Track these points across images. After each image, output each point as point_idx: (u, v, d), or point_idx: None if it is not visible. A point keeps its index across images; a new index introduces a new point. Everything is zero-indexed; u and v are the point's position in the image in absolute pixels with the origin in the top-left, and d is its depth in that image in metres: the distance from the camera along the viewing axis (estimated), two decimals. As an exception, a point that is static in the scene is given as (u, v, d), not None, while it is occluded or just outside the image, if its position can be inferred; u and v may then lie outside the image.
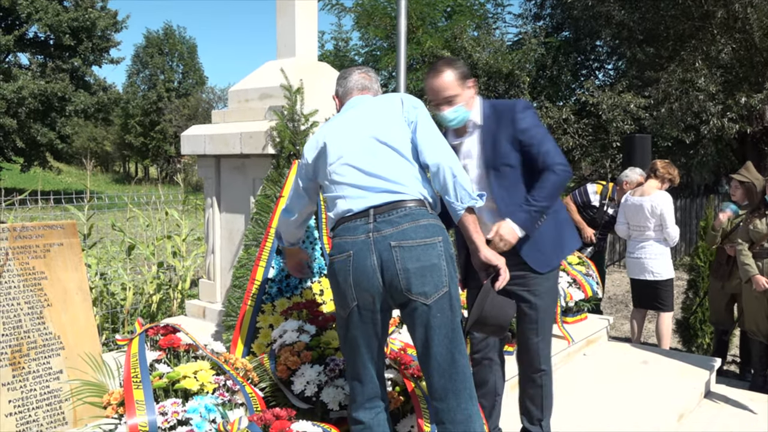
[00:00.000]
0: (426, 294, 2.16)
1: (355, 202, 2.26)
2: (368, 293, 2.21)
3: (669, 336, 5.36)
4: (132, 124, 39.81)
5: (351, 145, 2.35)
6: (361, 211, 2.24)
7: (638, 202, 5.27)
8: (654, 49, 13.38)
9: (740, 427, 3.87)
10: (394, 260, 2.16)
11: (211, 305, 3.99)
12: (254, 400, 2.52)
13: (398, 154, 2.30)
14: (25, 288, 2.91)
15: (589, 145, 13.04)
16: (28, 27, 26.13)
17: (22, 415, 2.77)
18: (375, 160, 2.29)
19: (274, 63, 3.96)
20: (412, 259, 2.16)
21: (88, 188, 6.03)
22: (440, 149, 2.28)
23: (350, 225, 2.24)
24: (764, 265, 4.60)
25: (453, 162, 2.26)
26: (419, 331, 2.23)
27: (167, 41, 41.68)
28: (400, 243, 2.16)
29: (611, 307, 8.24)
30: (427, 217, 2.23)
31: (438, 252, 2.19)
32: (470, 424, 2.21)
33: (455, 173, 2.23)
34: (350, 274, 2.21)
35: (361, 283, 2.21)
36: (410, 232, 2.18)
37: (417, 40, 15.63)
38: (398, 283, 2.17)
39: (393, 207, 2.21)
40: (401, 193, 2.23)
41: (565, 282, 4.75)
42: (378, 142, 2.31)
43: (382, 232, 2.18)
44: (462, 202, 2.23)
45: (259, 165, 3.63)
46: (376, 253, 2.18)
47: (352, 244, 2.22)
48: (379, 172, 2.27)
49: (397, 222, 2.19)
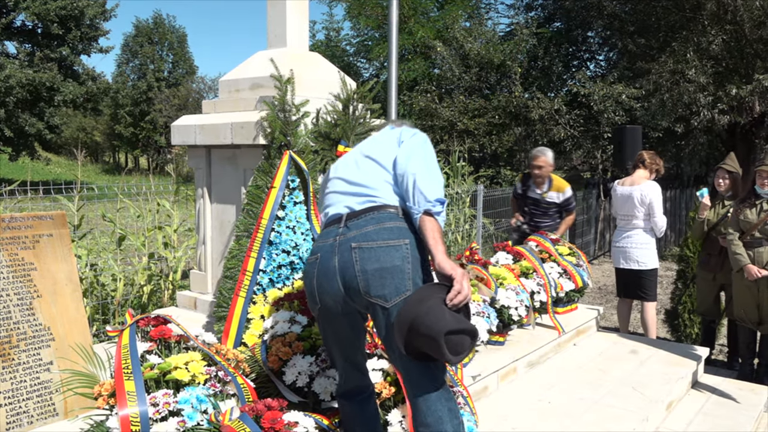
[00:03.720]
0: (385, 297, 2.12)
1: (334, 208, 2.34)
2: (329, 296, 2.22)
3: (654, 325, 5.41)
4: (122, 114, 39.44)
5: (344, 163, 2.48)
6: (336, 216, 2.30)
7: (627, 191, 5.30)
8: (645, 40, 13.41)
9: (727, 415, 3.92)
10: (353, 261, 2.14)
11: (202, 296, 3.98)
12: (246, 391, 2.52)
13: (379, 166, 2.34)
14: (15, 279, 2.89)
15: (581, 136, 13.07)
16: (16, 15, 25.75)
17: (12, 406, 2.76)
18: (358, 171, 2.37)
19: (264, 53, 3.94)
20: (371, 260, 2.13)
21: (78, 179, 5.99)
22: (411, 161, 2.27)
23: (325, 231, 2.32)
24: (755, 255, 4.64)
25: (418, 170, 2.23)
26: (382, 333, 2.21)
27: (157, 30, 41.25)
28: (360, 244, 2.15)
29: (601, 298, 8.30)
30: (395, 221, 2.21)
31: (402, 254, 2.14)
32: (441, 425, 2.15)
33: (417, 180, 2.21)
34: (314, 277, 2.25)
35: (323, 285, 2.22)
36: (372, 234, 2.17)
37: (409, 30, 15.59)
38: (356, 285, 2.14)
39: (364, 211, 2.24)
40: (375, 197, 2.27)
41: (555, 273, 4.78)
42: (364, 156, 2.40)
43: (346, 235, 2.20)
44: (418, 206, 2.18)
45: (250, 155, 3.62)
46: (338, 255, 2.18)
47: (321, 248, 2.26)
48: (359, 180, 2.34)
49: (362, 225, 2.20)
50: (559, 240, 5.29)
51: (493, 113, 14.00)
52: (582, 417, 3.44)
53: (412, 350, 2.08)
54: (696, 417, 3.88)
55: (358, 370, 2.43)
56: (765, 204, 4.66)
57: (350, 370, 2.41)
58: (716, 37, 11.53)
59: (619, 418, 3.43)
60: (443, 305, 2.04)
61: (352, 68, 17.69)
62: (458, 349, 2.03)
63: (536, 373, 4.04)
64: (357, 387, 2.43)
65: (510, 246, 4.78)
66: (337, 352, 2.39)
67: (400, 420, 2.63)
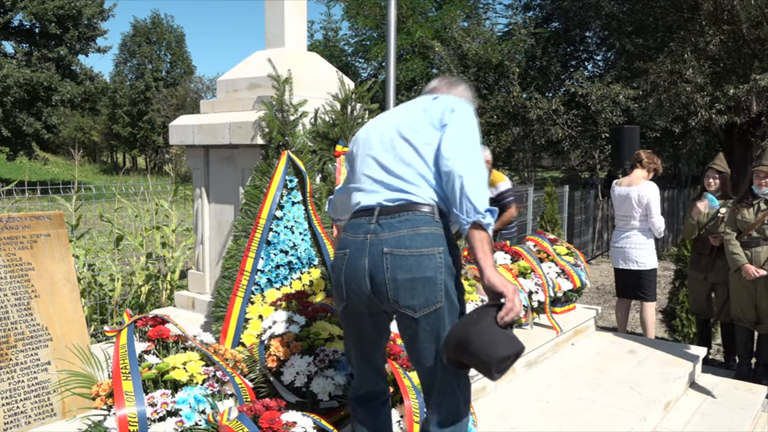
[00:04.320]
0: (414, 308, 2.05)
1: (367, 197, 2.19)
2: (356, 295, 2.15)
3: (653, 325, 5.41)
4: (119, 114, 39.38)
5: (379, 137, 2.27)
6: (368, 207, 2.16)
7: (625, 192, 5.31)
8: (643, 41, 13.43)
9: (724, 415, 3.92)
10: (384, 268, 2.05)
11: (200, 296, 3.98)
12: (244, 391, 2.52)
13: (417, 154, 2.15)
14: (12, 279, 2.89)
15: (578, 136, 13.09)
16: (13, 15, 25.70)
17: (9, 406, 2.76)
18: (393, 156, 2.18)
19: (262, 53, 3.94)
20: (403, 269, 2.03)
21: (75, 178, 5.99)
22: (458, 156, 2.05)
23: (356, 222, 2.18)
24: (753, 254, 4.65)
25: (466, 171, 2.02)
26: (406, 338, 2.17)
27: (155, 30, 41.20)
28: (393, 251, 2.05)
29: (599, 297, 8.31)
30: (430, 225, 2.07)
31: (435, 264, 2.03)
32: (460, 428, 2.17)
33: (465, 184, 2.00)
34: (342, 273, 2.17)
35: (350, 283, 2.15)
36: (406, 240, 2.05)
37: (407, 30, 15.58)
38: (385, 292, 2.06)
39: (398, 209, 2.10)
40: (411, 194, 2.11)
41: (553, 272, 4.78)
42: (402, 139, 2.19)
43: (379, 236, 2.08)
44: (467, 216, 1.99)
45: (248, 155, 3.61)
46: (369, 257, 2.08)
47: (351, 243, 2.15)
48: (394, 169, 2.16)
49: (396, 227, 2.07)
50: (557, 240, 5.29)
51: (491, 113, 14.01)
52: (580, 416, 3.44)
53: (455, 363, 2.03)
54: (693, 417, 3.89)
55: (376, 372, 2.38)
56: (762, 204, 4.68)
57: (367, 372, 2.35)
58: (714, 38, 11.55)
59: (616, 418, 3.43)
60: (496, 325, 1.95)
61: (350, 68, 17.69)
62: (504, 368, 1.97)
63: (534, 372, 4.05)
64: (372, 391, 2.38)
65: (508, 246, 4.78)
66: (357, 351, 2.32)
67: (398, 420, 2.63)
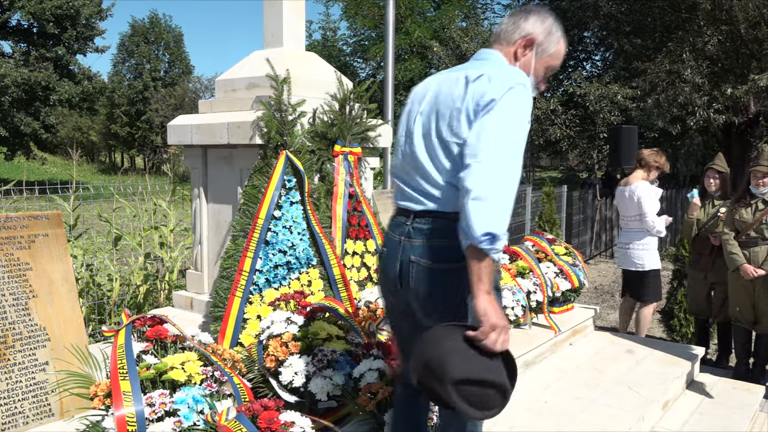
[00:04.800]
0: (430, 319, 2.03)
1: (406, 194, 2.13)
2: (390, 294, 2.22)
3: (646, 325, 5.41)
4: (117, 113, 39.34)
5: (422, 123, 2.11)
6: (405, 208, 2.12)
7: (621, 192, 5.33)
8: (641, 41, 13.43)
9: (722, 415, 3.93)
10: (410, 275, 2.06)
11: (198, 296, 3.98)
12: (242, 391, 2.52)
13: (450, 158, 2.00)
14: (10, 279, 2.89)
15: (576, 136, 13.09)
16: (11, 15, 25.69)
17: (8, 406, 2.75)
18: (428, 156, 2.05)
19: (261, 53, 3.94)
20: (425, 281, 2.03)
21: (73, 178, 5.98)
22: (471, 170, 1.82)
23: (397, 220, 2.16)
24: (751, 254, 4.66)
25: (475, 187, 1.79)
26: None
27: (153, 30, 41.16)
28: (419, 260, 2.03)
29: (597, 297, 8.31)
30: (458, 238, 1.90)
31: (458, 280, 1.95)
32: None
33: (469, 202, 1.79)
34: (380, 271, 2.25)
35: (385, 283, 2.22)
36: (432, 252, 2.02)
37: (405, 30, 15.60)
38: (407, 297, 2.09)
39: (431, 217, 2.04)
40: (440, 201, 2.02)
41: (552, 272, 4.78)
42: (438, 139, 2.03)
43: (411, 241, 2.06)
44: (465, 237, 1.83)
45: (247, 155, 3.61)
46: (400, 261, 2.09)
47: (389, 242, 2.17)
48: (429, 171, 2.04)
49: (427, 235, 2.03)
50: (555, 240, 5.30)
51: (489, 113, 13.99)
52: (578, 416, 3.44)
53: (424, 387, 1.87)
54: (692, 416, 3.89)
55: None
56: (760, 204, 4.68)
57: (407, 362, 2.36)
58: (712, 38, 11.56)
59: (615, 418, 3.43)
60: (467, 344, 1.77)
61: (349, 68, 17.70)
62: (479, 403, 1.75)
63: (533, 372, 4.05)
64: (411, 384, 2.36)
65: (506, 246, 4.78)
66: (399, 345, 2.38)
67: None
